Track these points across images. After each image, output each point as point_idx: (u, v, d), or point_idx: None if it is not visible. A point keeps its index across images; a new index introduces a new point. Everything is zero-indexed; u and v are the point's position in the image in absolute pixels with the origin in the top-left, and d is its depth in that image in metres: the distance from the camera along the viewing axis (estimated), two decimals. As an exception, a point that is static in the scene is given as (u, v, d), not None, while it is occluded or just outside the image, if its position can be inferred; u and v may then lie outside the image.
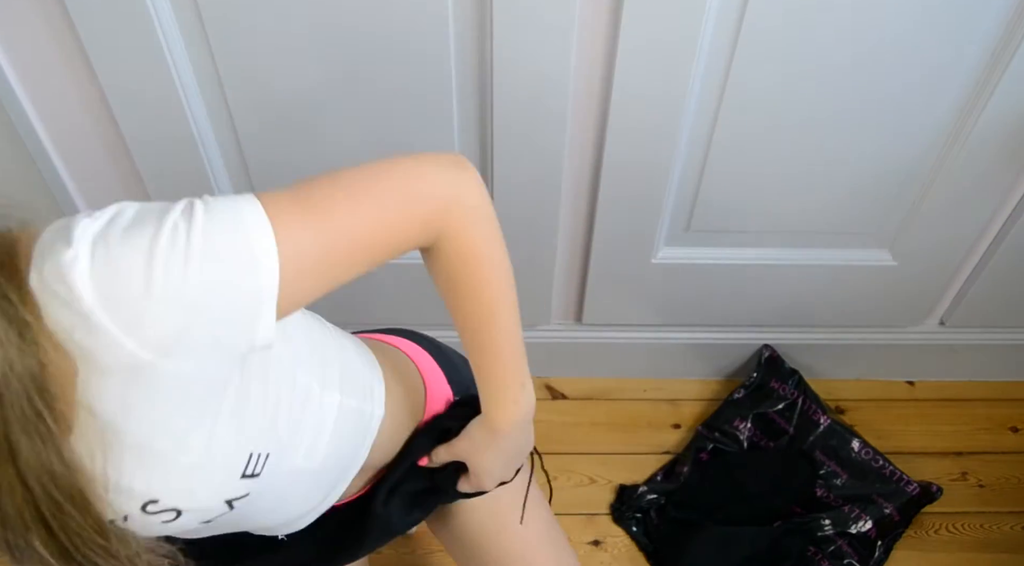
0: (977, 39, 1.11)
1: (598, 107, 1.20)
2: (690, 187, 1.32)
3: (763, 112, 1.20)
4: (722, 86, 1.16)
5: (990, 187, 1.31)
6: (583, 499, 1.52)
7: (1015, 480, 1.55)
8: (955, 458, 1.59)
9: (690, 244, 1.42)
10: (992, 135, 1.22)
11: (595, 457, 1.58)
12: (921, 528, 1.48)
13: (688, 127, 1.22)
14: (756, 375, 1.61)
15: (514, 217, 1.33)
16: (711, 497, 1.48)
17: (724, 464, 1.52)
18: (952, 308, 1.55)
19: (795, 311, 1.55)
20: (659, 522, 1.46)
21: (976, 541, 1.47)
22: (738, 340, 1.63)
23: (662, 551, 1.42)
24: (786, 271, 1.46)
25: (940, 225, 1.37)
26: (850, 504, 1.44)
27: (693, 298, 1.52)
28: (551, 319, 1.57)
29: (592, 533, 1.47)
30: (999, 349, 1.64)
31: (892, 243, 1.42)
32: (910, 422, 1.65)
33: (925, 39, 1.10)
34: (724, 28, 1.09)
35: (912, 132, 1.23)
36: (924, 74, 1.15)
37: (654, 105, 1.18)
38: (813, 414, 1.54)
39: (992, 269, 1.44)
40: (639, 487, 1.50)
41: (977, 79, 1.16)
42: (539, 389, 1.68)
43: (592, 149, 1.26)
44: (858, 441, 1.51)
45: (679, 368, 1.68)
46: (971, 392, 1.69)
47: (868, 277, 1.47)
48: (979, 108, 1.19)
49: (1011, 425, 1.64)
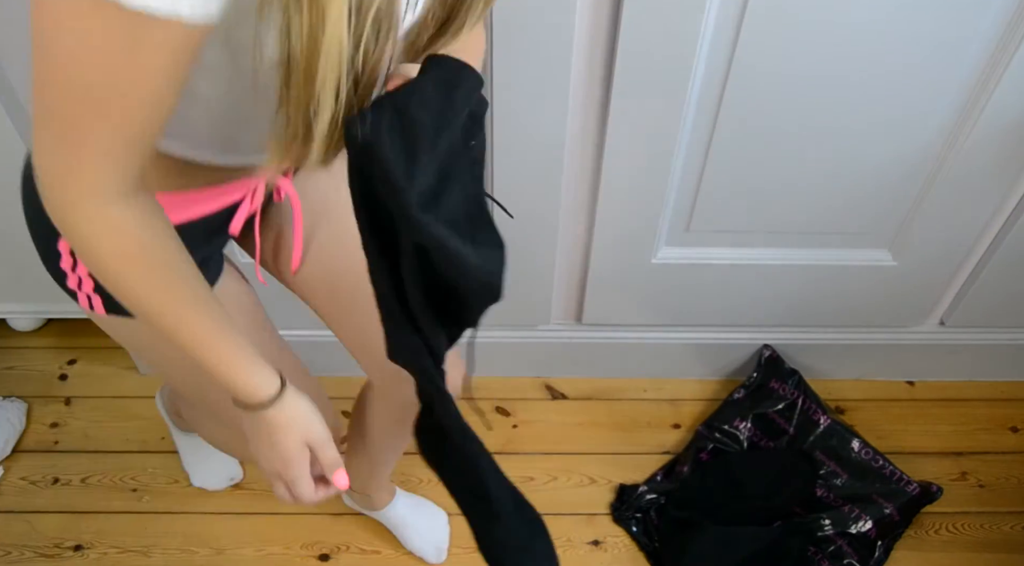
0: (977, 39, 1.11)
1: (599, 107, 1.20)
2: (690, 187, 1.32)
3: (763, 112, 1.20)
4: (722, 86, 1.16)
5: (990, 187, 1.31)
6: (583, 499, 1.52)
7: (1015, 480, 1.55)
8: (955, 458, 1.59)
9: (690, 244, 1.42)
10: (992, 135, 1.22)
11: (595, 457, 1.58)
12: (921, 528, 1.48)
13: (688, 127, 1.22)
14: (756, 375, 1.61)
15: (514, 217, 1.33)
16: (711, 497, 1.47)
17: (724, 464, 1.52)
18: (952, 308, 1.55)
19: (795, 311, 1.55)
20: (659, 522, 1.46)
21: (976, 541, 1.47)
22: (738, 340, 1.63)
23: (662, 551, 1.42)
24: (786, 271, 1.46)
25: (940, 225, 1.37)
26: (850, 504, 1.44)
27: (693, 298, 1.52)
28: (551, 319, 1.57)
29: (592, 533, 1.47)
30: (999, 349, 1.64)
31: (892, 243, 1.42)
32: (910, 422, 1.65)
33: (925, 39, 1.10)
34: (724, 28, 1.09)
35: (912, 132, 1.23)
36: (924, 74, 1.15)
37: (654, 105, 1.18)
38: (813, 414, 1.54)
39: (992, 269, 1.44)
40: (639, 487, 1.50)
41: (977, 79, 1.16)
42: (539, 389, 1.68)
43: (592, 149, 1.26)
44: (858, 441, 1.51)
45: (679, 368, 1.68)
46: (971, 392, 1.69)
47: (868, 277, 1.47)
48: (979, 108, 1.19)
49: (1011, 425, 1.64)
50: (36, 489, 1.52)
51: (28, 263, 1.51)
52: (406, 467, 1.54)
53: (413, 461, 1.57)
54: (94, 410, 1.64)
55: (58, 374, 1.71)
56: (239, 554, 1.43)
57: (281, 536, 1.45)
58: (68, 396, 1.67)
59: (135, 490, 1.52)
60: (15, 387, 1.68)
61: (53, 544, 1.44)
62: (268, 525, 1.46)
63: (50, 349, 1.76)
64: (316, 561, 1.42)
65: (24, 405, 1.63)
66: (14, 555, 1.42)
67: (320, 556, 1.42)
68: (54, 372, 1.71)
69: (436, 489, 1.52)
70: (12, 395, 1.65)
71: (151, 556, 1.43)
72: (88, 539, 1.45)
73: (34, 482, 1.53)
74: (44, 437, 1.60)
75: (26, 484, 1.52)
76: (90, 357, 1.74)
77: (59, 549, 1.43)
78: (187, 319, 0.66)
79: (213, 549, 1.44)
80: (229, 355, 0.70)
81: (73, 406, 1.65)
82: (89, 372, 1.71)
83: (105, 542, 1.44)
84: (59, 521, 1.47)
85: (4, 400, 1.62)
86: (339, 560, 1.42)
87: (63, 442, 1.59)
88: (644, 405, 1.67)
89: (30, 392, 1.67)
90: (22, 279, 1.54)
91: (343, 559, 1.43)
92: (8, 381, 1.69)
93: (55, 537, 1.45)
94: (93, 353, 1.74)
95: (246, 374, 0.72)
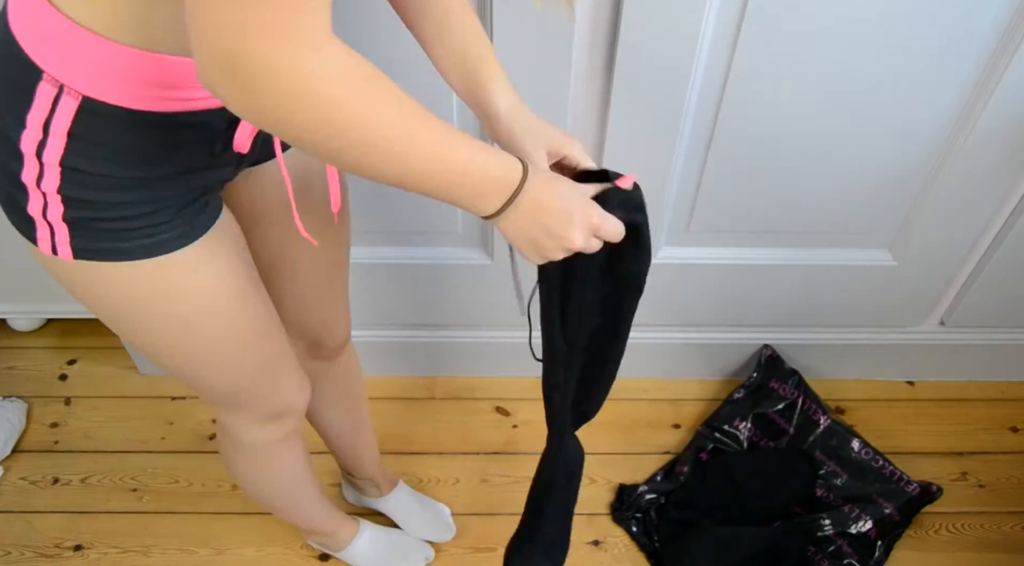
0: (977, 39, 1.11)
1: (599, 107, 1.20)
2: (690, 187, 1.32)
3: (763, 112, 1.20)
4: (722, 86, 1.16)
5: (990, 187, 1.31)
6: (583, 499, 1.50)
7: (1015, 480, 1.55)
8: (955, 458, 1.59)
9: (690, 244, 1.42)
10: (992, 135, 1.22)
11: (595, 457, 1.57)
12: (921, 528, 1.48)
13: (688, 127, 1.22)
14: (756, 375, 1.61)
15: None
16: (711, 497, 1.47)
17: (724, 464, 1.52)
18: (952, 308, 1.55)
19: (795, 311, 1.55)
20: (659, 522, 1.46)
21: (976, 541, 1.47)
22: (738, 340, 1.63)
23: (662, 551, 1.42)
24: (786, 271, 1.46)
25: (940, 225, 1.37)
26: (850, 504, 1.44)
27: (693, 298, 1.52)
28: (551, 319, 1.57)
29: (592, 533, 1.47)
30: (999, 349, 1.64)
31: (892, 243, 1.42)
32: (910, 422, 1.65)
33: (925, 39, 1.10)
34: (725, 28, 1.09)
35: (912, 132, 1.23)
36: (924, 74, 1.15)
37: (654, 105, 1.18)
38: (813, 414, 1.54)
39: (992, 269, 1.44)
40: (639, 487, 1.50)
41: (977, 79, 1.16)
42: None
43: (593, 149, 1.26)
44: (858, 441, 1.51)
45: (679, 368, 1.68)
46: (971, 392, 1.69)
47: (868, 277, 1.47)
48: (979, 108, 1.19)
49: (1011, 425, 1.64)
50: (36, 489, 1.52)
51: (28, 263, 1.51)
52: (405, 466, 1.54)
53: (412, 461, 1.57)
54: (94, 410, 1.64)
55: (58, 374, 1.71)
56: (239, 554, 1.43)
57: (281, 536, 1.45)
58: (68, 396, 1.67)
59: (135, 490, 1.52)
60: (15, 387, 1.68)
61: (53, 544, 1.44)
62: (268, 525, 1.46)
63: (50, 349, 1.76)
64: (316, 561, 1.42)
65: (24, 405, 1.63)
66: (14, 555, 1.42)
67: (320, 556, 1.42)
68: (54, 372, 1.71)
69: (434, 489, 1.52)
70: (12, 395, 1.65)
71: (151, 556, 1.43)
72: (88, 539, 1.45)
73: (34, 482, 1.53)
74: (44, 437, 1.60)
75: (26, 484, 1.52)
76: (90, 357, 1.74)
77: (59, 549, 1.43)
78: (419, 135, 0.61)
79: (213, 549, 1.44)
80: (475, 147, 0.65)
81: (73, 406, 1.65)
82: (89, 372, 1.71)
83: (105, 542, 1.44)
84: (59, 521, 1.47)
85: (4, 400, 1.62)
86: (339, 560, 1.42)
87: (63, 442, 1.59)
88: (644, 405, 1.67)
89: (30, 392, 1.67)
90: (22, 279, 1.54)
91: (343, 559, 1.43)
92: (8, 381, 1.69)
93: (55, 537, 1.45)
94: (93, 353, 1.74)
95: (495, 155, 0.67)
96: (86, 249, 0.69)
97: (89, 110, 0.63)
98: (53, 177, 0.65)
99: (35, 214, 0.68)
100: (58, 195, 0.66)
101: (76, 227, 0.68)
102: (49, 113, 0.63)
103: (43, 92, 0.62)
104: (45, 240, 0.69)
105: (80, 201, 0.67)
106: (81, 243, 0.69)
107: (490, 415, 1.64)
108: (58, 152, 0.64)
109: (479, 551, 1.44)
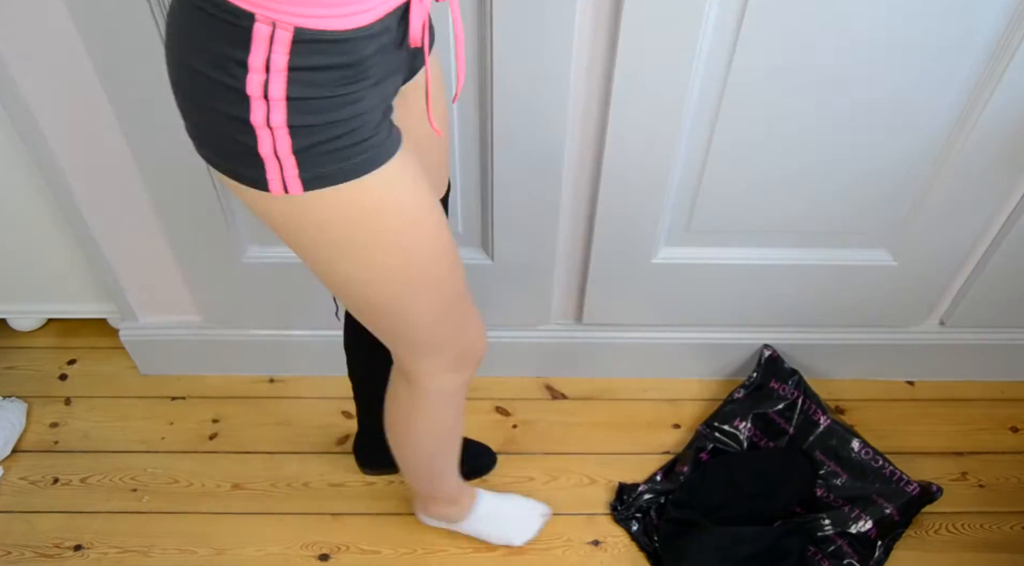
0: (977, 39, 1.11)
1: (598, 107, 1.20)
2: (690, 187, 1.32)
3: (763, 112, 1.20)
4: (722, 86, 1.16)
5: (990, 187, 1.31)
6: (583, 499, 1.52)
7: (1015, 480, 1.55)
8: (955, 458, 1.59)
9: (690, 244, 1.42)
10: (992, 136, 1.22)
11: (595, 457, 1.58)
12: (921, 528, 1.48)
13: (688, 127, 1.22)
14: (756, 375, 1.61)
15: (514, 217, 1.33)
16: (711, 497, 1.47)
17: (724, 464, 1.52)
18: (952, 308, 1.55)
19: (795, 311, 1.55)
20: (659, 522, 1.46)
21: (976, 541, 1.47)
22: (738, 340, 1.63)
23: (662, 551, 1.42)
24: (786, 271, 1.46)
25: (940, 225, 1.37)
26: (850, 504, 1.44)
27: (693, 298, 1.52)
28: (551, 319, 1.57)
29: (592, 533, 1.47)
30: (999, 349, 1.64)
31: (892, 243, 1.42)
32: (910, 422, 1.65)
33: (925, 39, 1.10)
34: (724, 28, 1.09)
35: (912, 132, 1.23)
36: (924, 74, 1.15)
37: (654, 105, 1.18)
38: (813, 414, 1.54)
39: (992, 269, 1.44)
40: (639, 487, 1.50)
41: (977, 80, 1.16)
42: (539, 389, 1.68)
43: (592, 149, 1.26)
44: (858, 441, 1.51)
45: (679, 368, 1.68)
46: (971, 392, 1.69)
47: (868, 277, 1.47)
48: (979, 109, 1.19)
49: (1011, 425, 1.64)
50: (36, 489, 1.52)
51: (28, 263, 1.51)
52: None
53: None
54: (94, 410, 1.64)
55: (58, 374, 1.71)
56: (239, 554, 1.43)
57: (281, 536, 1.45)
58: (68, 396, 1.67)
59: (135, 490, 1.52)
60: (15, 387, 1.68)
61: (53, 544, 1.44)
62: (268, 525, 1.46)
63: (50, 349, 1.76)
64: (316, 561, 1.42)
65: (24, 405, 1.63)
66: (14, 555, 1.42)
67: (320, 556, 1.42)
68: (54, 372, 1.71)
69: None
70: (12, 395, 1.65)
71: (151, 556, 1.43)
72: (88, 539, 1.45)
73: (34, 482, 1.53)
74: (44, 437, 1.60)
75: (26, 484, 1.52)
76: (90, 357, 1.74)
77: (59, 549, 1.43)
78: None
79: (213, 549, 1.44)
80: None
81: (73, 406, 1.65)
82: (89, 372, 1.71)
83: (105, 542, 1.44)
84: (59, 521, 1.47)
85: (4, 400, 1.62)
86: (339, 560, 1.42)
87: (63, 442, 1.59)
88: (644, 405, 1.67)
89: (30, 392, 1.67)
90: (22, 279, 1.54)
91: (343, 559, 1.43)
92: (8, 381, 1.69)
93: (55, 537, 1.45)
94: (93, 353, 1.74)
95: None
96: (314, 177, 0.73)
97: (301, 40, 0.66)
98: (280, 111, 0.69)
99: (266, 153, 0.71)
100: (286, 128, 0.70)
101: (303, 157, 0.71)
102: (268, 51, 0.67)
103: (259, 33, 0.66)
104: (276, 180, 0.72)
105: (305, 129, 0.70)
106: (309, 172, 0.72)
107: (490, 415, 1.64)
108: (282, 86, 0.68)
109: (479, 551, 1.44)
